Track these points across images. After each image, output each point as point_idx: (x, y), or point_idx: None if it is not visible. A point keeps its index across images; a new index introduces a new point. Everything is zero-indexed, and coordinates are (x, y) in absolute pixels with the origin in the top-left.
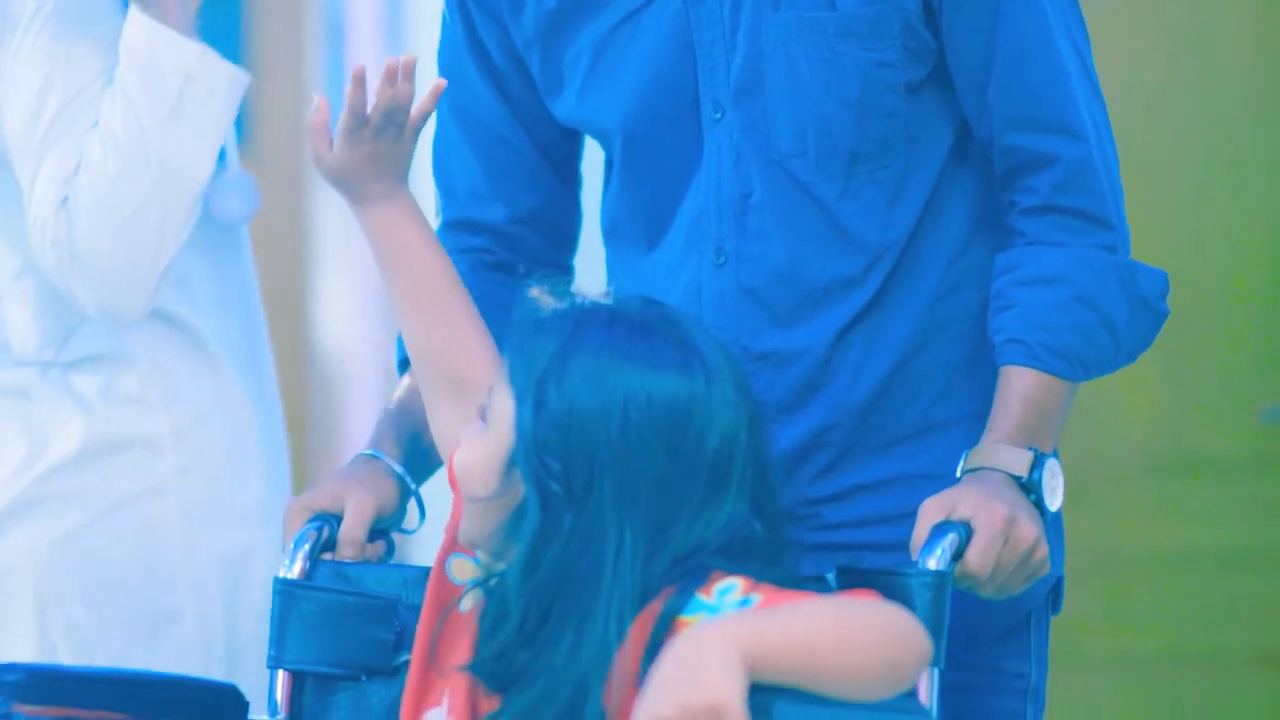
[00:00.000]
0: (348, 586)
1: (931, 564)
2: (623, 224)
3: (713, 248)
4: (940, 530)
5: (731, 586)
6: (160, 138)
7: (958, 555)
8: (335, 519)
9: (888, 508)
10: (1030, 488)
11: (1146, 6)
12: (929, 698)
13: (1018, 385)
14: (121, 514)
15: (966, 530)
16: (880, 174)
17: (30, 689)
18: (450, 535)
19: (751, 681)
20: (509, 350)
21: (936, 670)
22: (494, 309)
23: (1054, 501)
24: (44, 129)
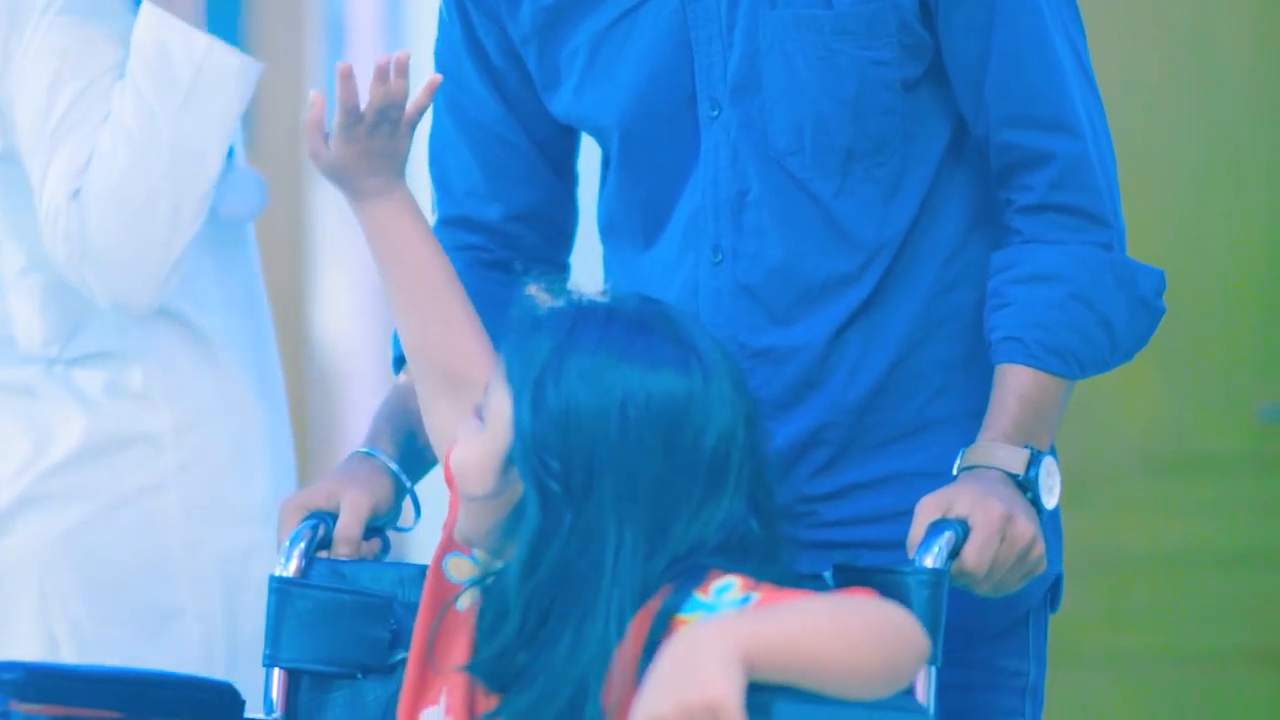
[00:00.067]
0: (343, 584)
1: (928, 562)
2: (619, 221)
3: (709, 245)
4: (937, 528)
5: (729, 585)
6: (171, 129)
7: (954, 553)
8: (331, 517)
9: (885, 506)
10: (1027, 486)
11: (1146, 6)
12: (926, 696)
13: (1014, 383)
14: (122, 511)
15: (963, 528)
16: (877, 171)
17: (28, 687)
18: (447, 534)
19: (749, 680)
20: (506, 348)
21: (934, 668)
22: (490, 307)
23: (1050, 500)
24: (55, 123)
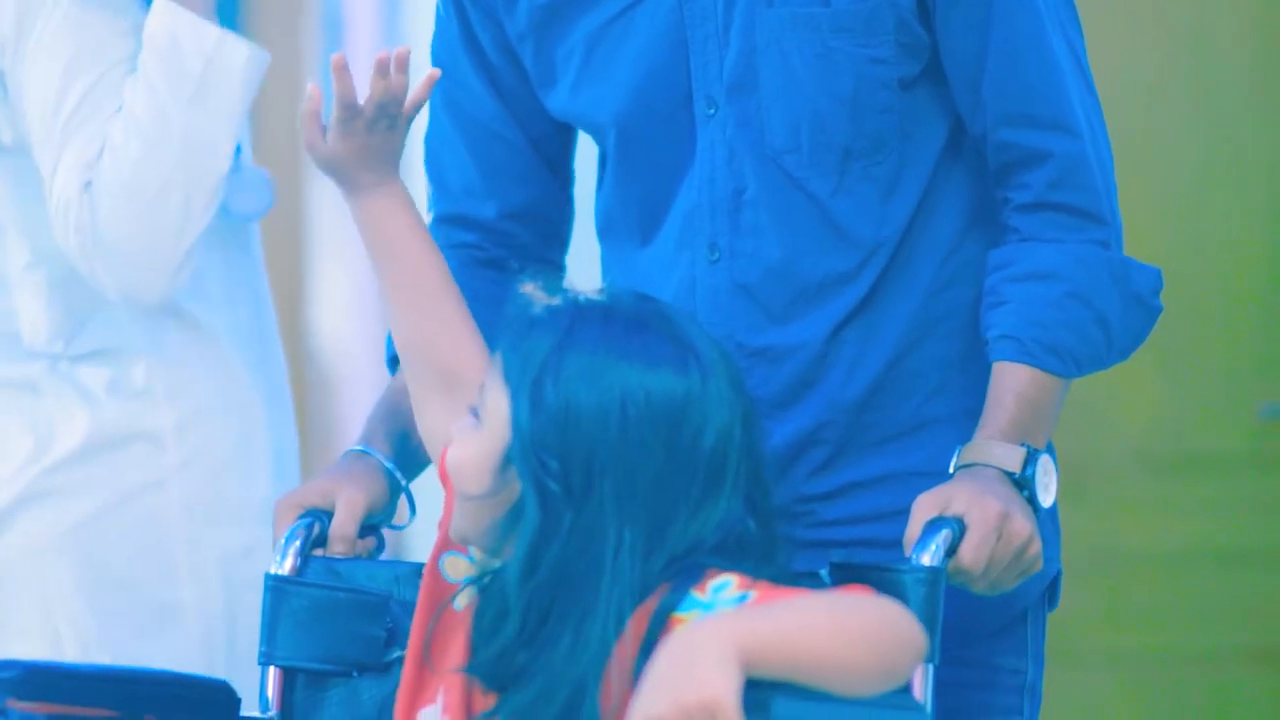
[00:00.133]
0: (339, 582)
1: (925, 560)
2: (616, 219)
3: (706, 243)
4: (934, 526)
5: (726, 583)
6: (183, 121)
7: (951, 551)
8: (326, 515)
9: (882, 504)
10: (1023, 484)
11: (1145, 6)
12: (924, 693)
13: (1011, 381)
14: (124, 508)
15: (960, 526)
16: (874, 170)
17: (25, 685)
18: (443, 532)
19: (747, 677)
20: (503, 347)
21: (931, 666)
22: (485, 305)
23: (1046, 498)
24: (66, 115)
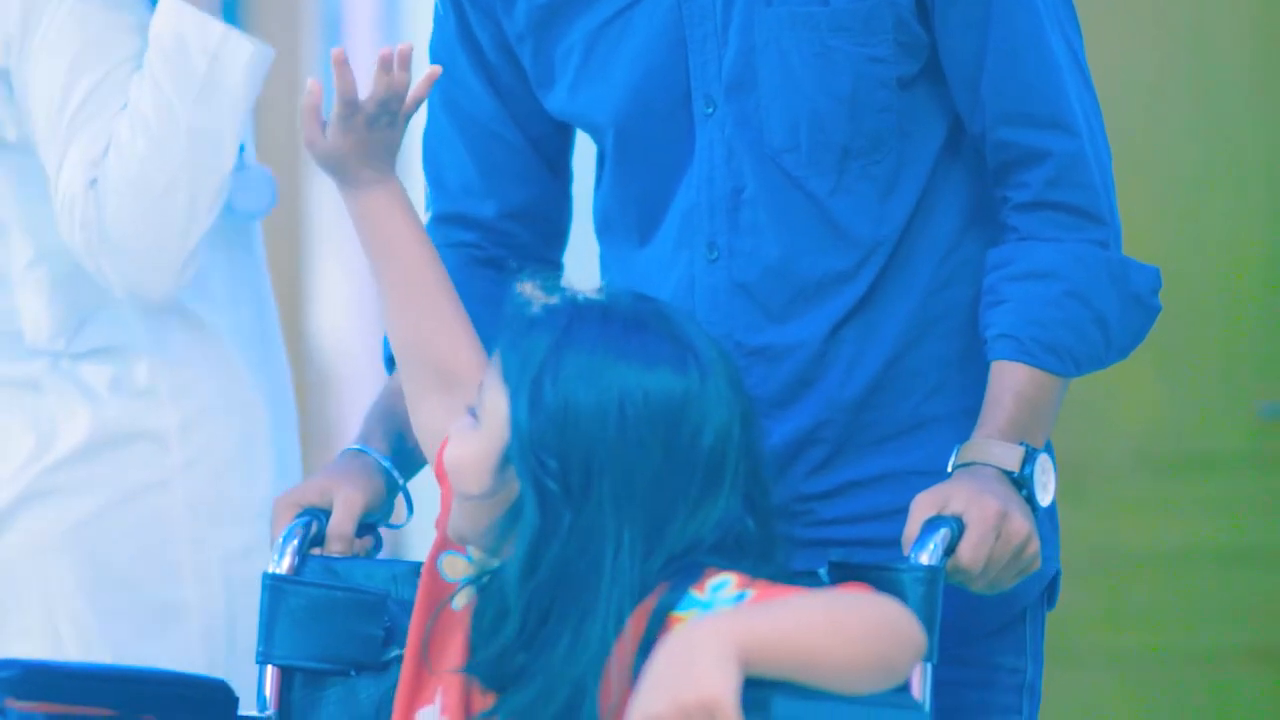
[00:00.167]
0: (337, 581)
1: (924, 559)
2: (615, 219)
3: (705, 243)
4: (932, 525)
5: (725, 582)
6: (188, 117)
7: (950, 550)
8: (323, 514)
9: (881, 503)
10: (1022, 483)
11: (1145, 5)
12: (922, 692)
13: (1009, 380)
14: (126, 507)
15: (958, 525)
16: (873, 169)
17: (23, 685)
18: (441, 532)
19: (746, 676)
20: (502, 346)
21: (929, 665)
22: (484, 305)
23: (1045, 497)
24: (72, 112)
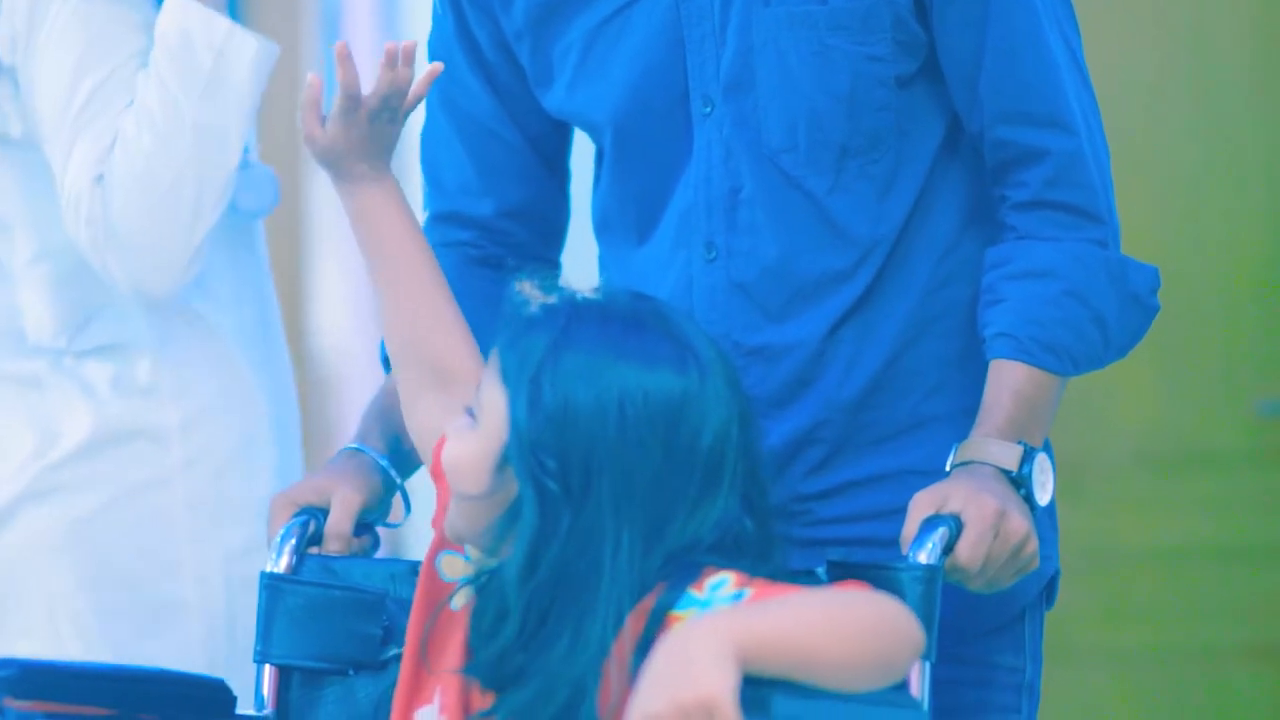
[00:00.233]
0: (335, 580)
1: (922, 558)
2: (613, 218)
3: (703, 242)
4: (931, 524)
5: (723, 581)
6: (194, 114)
7: (948, 549)
8: (321, 513)
9: (880, 503)
10: (1020, 482)
11: (1145, 5)
12: (920, 691)
13: (1008, 379)
14: (127, 504)
15: (957, 524)
16: (871, 168)
17: (22, 684)
18: (440, 531)
19: (746, 675)
20: (500, 345)
21: (928, 664)
22: (481, 304)
23: (1043, 496)
24: (78, 108)
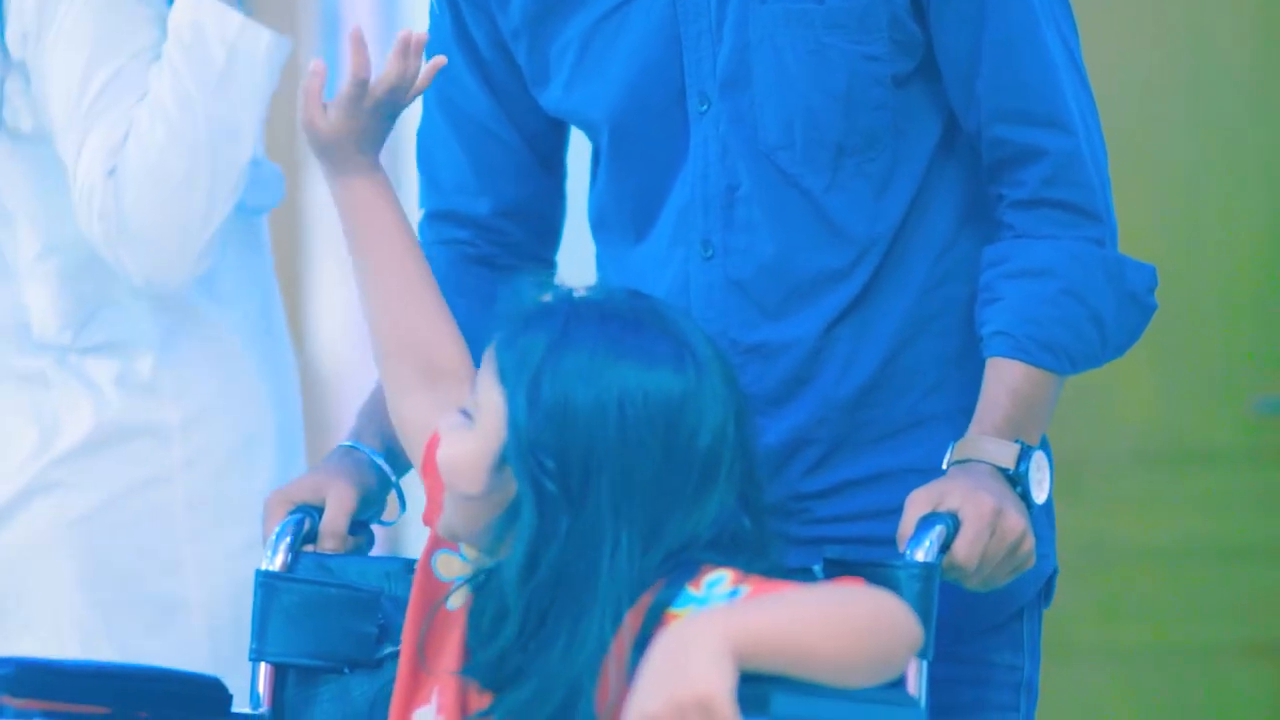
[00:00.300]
0: (330, 578)
1: (919, 556)
2: (610, 216)
3: (700, 240)
4: (928, 522)
5: (720, 578)
6: (207, 108)
7: (945, 547)
8: (316, 511)
9: (878, 502)
10: (1017, 480)
11: (1144, 3)
12: (917, 689)
13: (1005, 377)
14: (126, 502)
15: (954, 522)
16: (868, 166)
17: (19, 682)
18: (434, 530)
19: (745, 672)
20: (498, 345)
21: (925, 662)
22: (476, 302)
23: (1040, 494)
24: (90, 102)
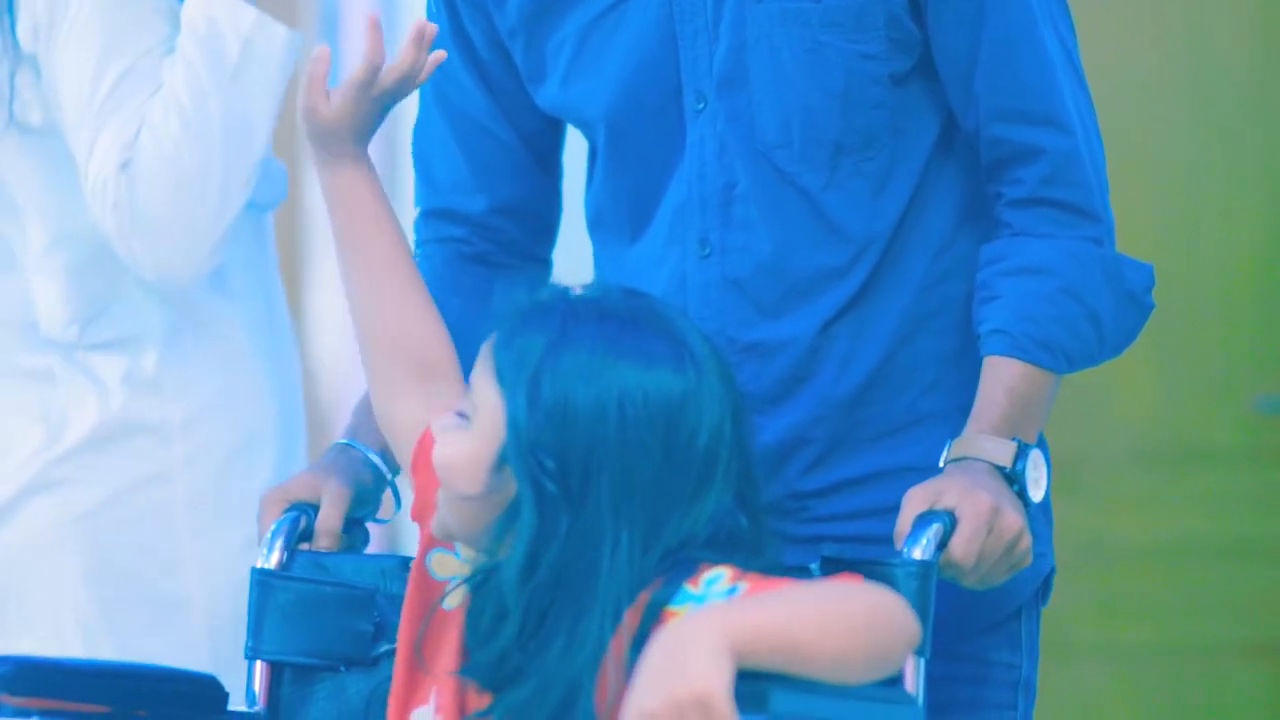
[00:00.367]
0: (326, 577)
1: (916, 554)
2: (606, 214)
3: (697, 238)
4: (925, 520)
5: (719, 576)
6: (221, 102)
7: (942, 545)
8: (312, 508)
9: (877, 501)
10: (1013, 478)
11: (1142, 2)
12: (915, 686)
13: (1002, 376)
14: (128, 499)
15: (951, 520)
16: (865, 165)
17: (18, 681)
18: (427, 529)
19: (744, 670)
20: (495, 344)
21: (922, 659)
22: (472, 300)
23: (1037, 493)
24: (103, 96)
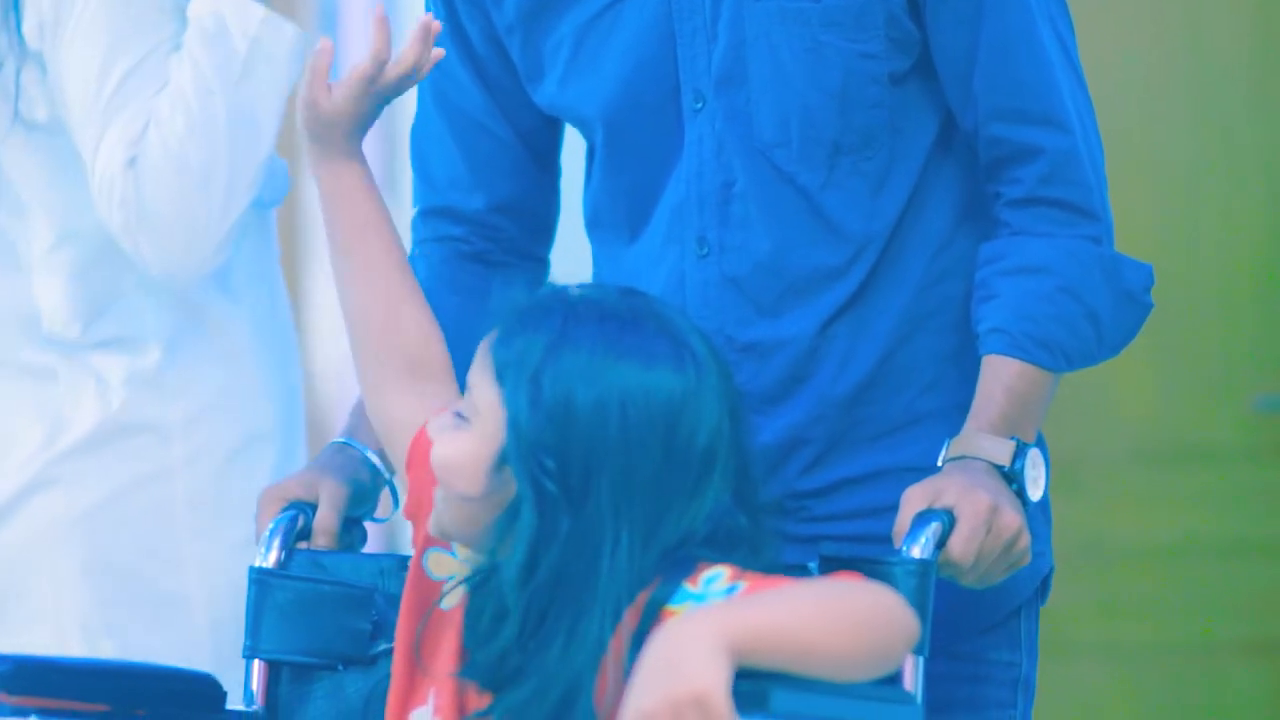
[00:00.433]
0: (324, 575)
1: (915, 552)
2: (604, 214)
3: (695, 237)
4: (923, 519)
5: (718, 575)
6: (228, 100)
7: (941, 544)
8: (309, 507)
9: (876, 500)
10: (1012, 477)
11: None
12: (914, 685)
13: (1001, 374)
14: (128, 498)
15: (950, 519)
16: (864, 164)
17: (16, 680)
18: (424, 528)
19: (743, 669)
20: (494, 344)
21: (921, 658)
22: (470, 299)
23: (1035, 491)
24: (110, 93)
